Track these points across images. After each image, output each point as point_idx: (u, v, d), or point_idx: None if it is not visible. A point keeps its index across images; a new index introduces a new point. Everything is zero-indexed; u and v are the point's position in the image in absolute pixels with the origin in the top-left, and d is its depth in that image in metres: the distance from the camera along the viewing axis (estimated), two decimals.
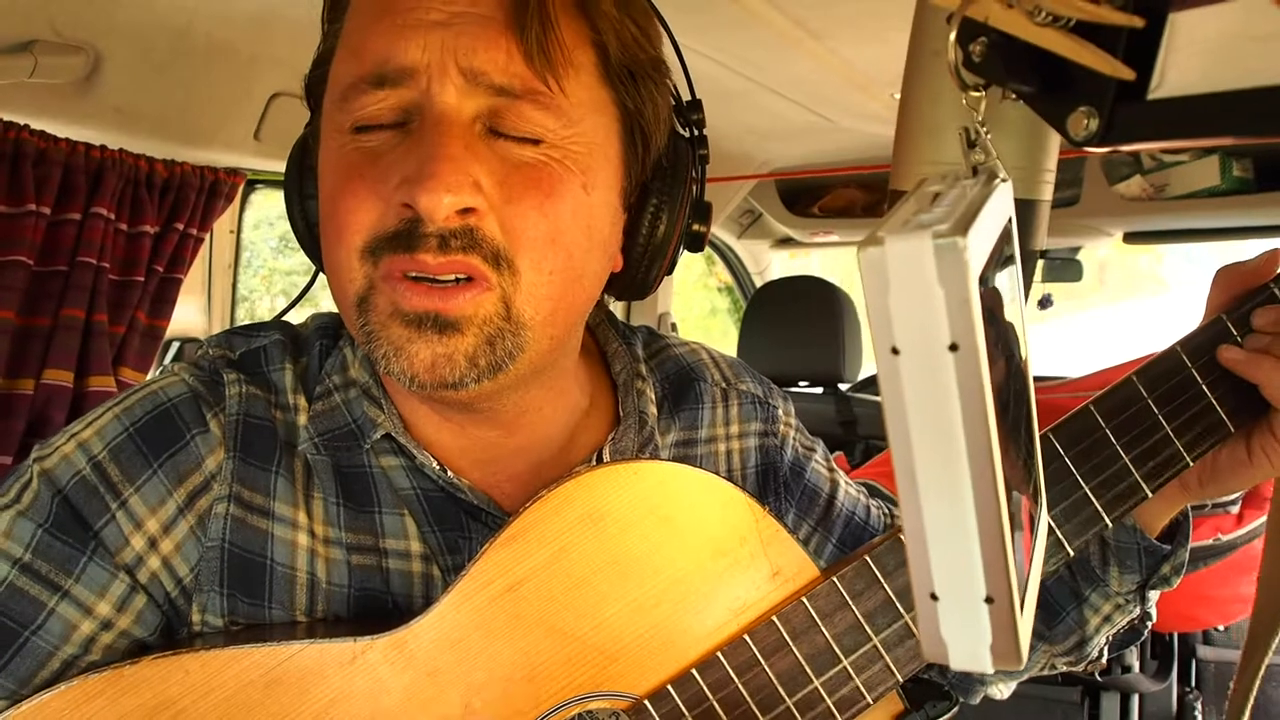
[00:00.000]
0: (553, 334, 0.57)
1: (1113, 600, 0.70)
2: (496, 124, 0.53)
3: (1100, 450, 0.60)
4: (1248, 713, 0.64)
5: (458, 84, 0.52)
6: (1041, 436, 0.60)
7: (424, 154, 0.51)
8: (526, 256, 0.54)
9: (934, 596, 0.28)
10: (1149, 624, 0.73)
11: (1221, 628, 1.74)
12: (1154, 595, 0.70)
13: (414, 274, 0.53)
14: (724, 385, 0.75)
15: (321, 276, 0.66)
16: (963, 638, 0.28)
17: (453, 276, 0.53)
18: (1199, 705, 1.72)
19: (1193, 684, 1.77)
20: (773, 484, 0.75)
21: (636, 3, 0.58)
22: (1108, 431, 0.60)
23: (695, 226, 0.65)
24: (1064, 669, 0.76)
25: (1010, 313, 0.33)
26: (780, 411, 0.77)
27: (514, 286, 0.54)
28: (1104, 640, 0.73)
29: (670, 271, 0.65)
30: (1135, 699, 1.71)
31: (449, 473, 0.61)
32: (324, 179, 0.57)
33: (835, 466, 0.80)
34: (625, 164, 0.59)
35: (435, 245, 0.52)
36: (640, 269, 0.63)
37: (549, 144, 0.54)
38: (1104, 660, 0.75)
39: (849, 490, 0.78)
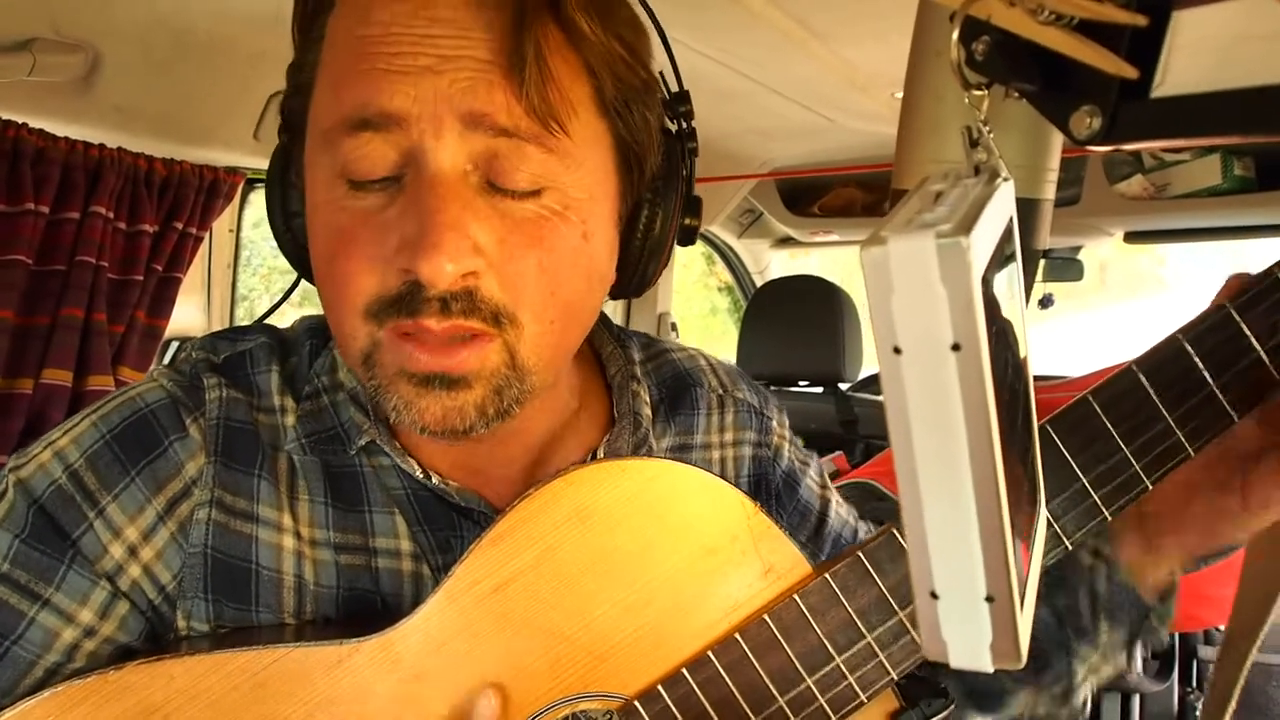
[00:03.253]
0: (556, 369, 0.58)
1: (1100, 651, 0.68)
2: (495, 176, 0.51)
3: (1099, 441, 0.59)
4: (1229, 713, 0.64)
5: (455, 131, 0.50)
6: (1040, 426, 0.59)
7: (423, 219, 0.49)
8: (528, 310, 0.53)
9: (934, 595, 0.27)
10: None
11: (1222, 628, 1.74)
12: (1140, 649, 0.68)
13: (414, 333, 0.52)
14: (720, 392, 0.75)
15: (305, 286, 0.66)
16: (963, 636, 0.28)
17: (459, 337, 0.52)
18: (1200, 705, 1.72)
19: (1194, 684, 1.77)
20: (764, 495, 0.74)
21: (622, 16, 0.57)
22: (1106, 421, 0.59)
23: (688, 220, 0.64)
24: (1045, 714, 0.73)
25: (1010, 311, 0.33)
26: (774, 423, 0.77)
27: (517, 338, 0.53)
28: (1090, 690, 0.71)
29: (665, 266, 0.65)
30: (1136, 699, 1.71)
31: (433, 479, 0.61)
32: (317, 238, 0.55)
33: (828, 483, 0.79)
34: (621, 194, 0.59)
35: (437, 309, 0.51)
36: (636, 272, 0.62)
37: (550, 192, 0.52)
38: (1088, 711, 0.73)
39: (839, 511, 0.78)
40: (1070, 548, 0.60)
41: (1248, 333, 0.58)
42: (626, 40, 0.56)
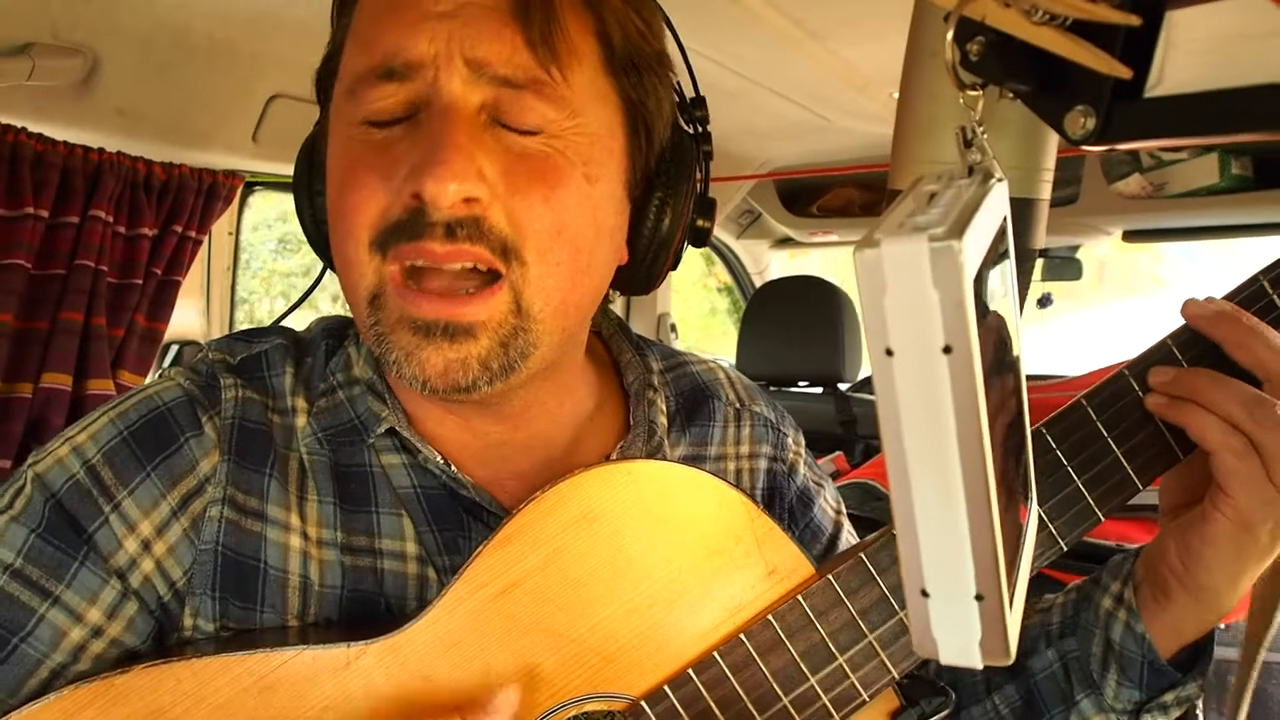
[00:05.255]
0: (563, 326, 0.57)
1: (1105, 713, 0.63)
2: (500, 115, 0.54)
3: (1092, 444, 0.59)
4: (1245, 708, 0.63)
5: (463, 74, 0.52)
6: (1035, 430, 0.59)
7: (430, 143, 0.52)
8: (533, 248, 0.54)
9: (925, 593, 0.28)
10: None
11: (1222, 625, 1.74)
12: None
13: (421, 263, 0.53)
14: (738, 405, 0.75)
15: (328, 278, 0.66)
16: (953, 634, 0.28)
17: (463, 290, 0.53)
18: (1199, 702, 1.72)
19: None
20: (777, 510, 0.74)
21: None
22: (1099, 425, 0.59)
23: (699, 222, 0.65)
24: None
25: (1003, 310, 0.33)
26: (790, 439, 0.77)
27: (523, 279, 0.54)
28: None
29: (675, 266, 0.66)
30: None
31: (452, 468, 0.61)
32: (332, 172, 0.57)
33: (843, 509, 0.79)
34: (629, 156, 0.60)
35: (441, 233, 0.52)
36: (645, 263, 0.63)
37: (550, 134, 0.54)
38: None
39: (849, 538, 0.77)
40: (1065, 549, 0.60)
41: None
42: (641, 14, 0.58)
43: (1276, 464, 0.54)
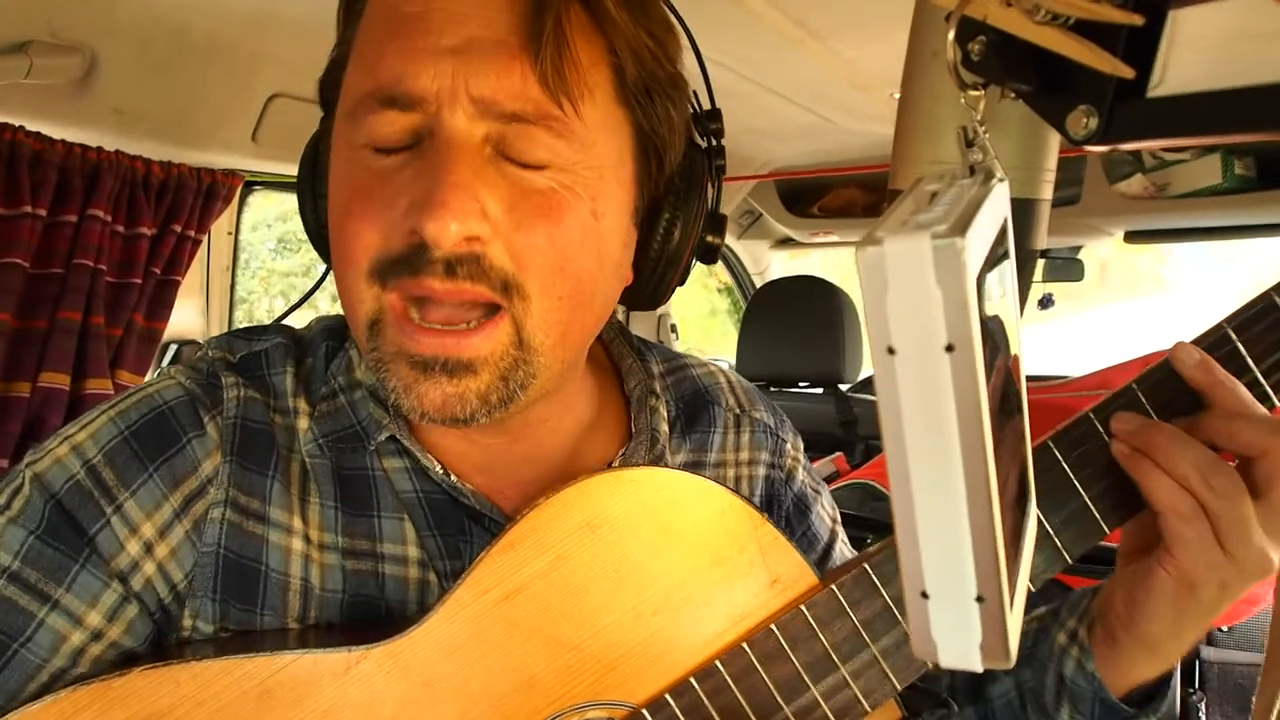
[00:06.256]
0: (563, 357, 0.57)
1: None
2: (506, 149, 0.52)
3: (1099, 458, 0.59)
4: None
5: (468, 110, 0.51)
6: (1042, 444, 0.59)
7: (432, 179, 0.50)
8: (536, 282, 0.53)
9: (925, 595, 0.28)
10: None
11: (1225, 628, 1.74)
12: None
13: (419, 295, 0.52)
14: (738, 411, 0.75)
15: (329, 284, 0.65)
16: (953, 636, 0.28)
17: (464, 323, 0.52)
18: (1203, 706, 1.72)
19: (1196, 685, 1.76)
20: (775, 516, 0.74)
21: (655, 14, 0.57)
22: (1107, 440, 0.59)
23: (709, 238, 0.63)
24: None
25: (1003, 311, 0.33)
26: (789, 445, 0.76)
27: (525, 311, 0.53)
28: None
29: (683, 282, 0.64)
30: None
31: (452, 477, 0.61)
32: (334, 192, 0.56)
33: (839, 518, 0.79)
34: (638, 183, 0.59)
35: (441, 270, 0.51)
36: (652, 281, 0.62)
37: (558, 169, 0.53)
38: None
39: (844, 550, 0.77)
40: (1071, 562, 0.59)
41: (1244, 354, 0.58)
42: (655, 34, 0.56)
43: (1228, 531, 0.53)
